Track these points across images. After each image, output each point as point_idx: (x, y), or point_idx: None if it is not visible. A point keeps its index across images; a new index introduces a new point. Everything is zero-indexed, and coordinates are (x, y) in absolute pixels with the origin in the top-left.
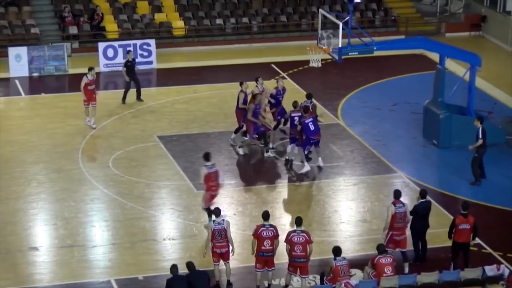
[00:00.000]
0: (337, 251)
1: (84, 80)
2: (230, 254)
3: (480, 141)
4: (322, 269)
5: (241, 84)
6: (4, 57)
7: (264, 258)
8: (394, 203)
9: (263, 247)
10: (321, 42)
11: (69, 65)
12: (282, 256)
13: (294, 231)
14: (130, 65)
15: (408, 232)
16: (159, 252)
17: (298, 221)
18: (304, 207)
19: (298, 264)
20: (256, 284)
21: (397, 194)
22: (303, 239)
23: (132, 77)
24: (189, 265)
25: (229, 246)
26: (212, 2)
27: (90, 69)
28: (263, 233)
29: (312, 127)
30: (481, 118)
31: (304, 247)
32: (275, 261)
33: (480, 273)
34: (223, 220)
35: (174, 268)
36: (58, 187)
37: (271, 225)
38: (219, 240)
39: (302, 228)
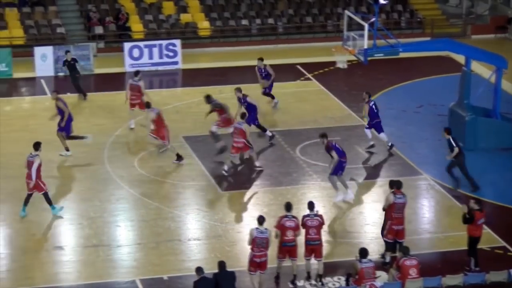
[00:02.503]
0: (363, 253)
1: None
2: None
3: (456, 149)
4: (348, 271)
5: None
6: (30, 56)
7: (287, 248)
8: (394, 193)
9: (285, 237)
10: (347, 43)
11: (94, 65)
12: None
13: (308, 215)
14: (69, 65)
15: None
16: (184, 252)
17: (310, 206)
18: (328, 208)
19: (312, 247)
20: (277, 271)
21: (399, 184)
22: (317, 222)
23: (74, 75)
24: (220, 264)
25: (267, 255)
26: (237, 3)
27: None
28: (286, 223)
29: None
30: (449, 129)
31: (318, 230)
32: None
33: (506, 276)
34: (266, 229)
35: (199, 270)
36: (84, 187)
37: (293, 216)
38: (261, 248)
39: (315, 211)
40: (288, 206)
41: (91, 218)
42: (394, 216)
